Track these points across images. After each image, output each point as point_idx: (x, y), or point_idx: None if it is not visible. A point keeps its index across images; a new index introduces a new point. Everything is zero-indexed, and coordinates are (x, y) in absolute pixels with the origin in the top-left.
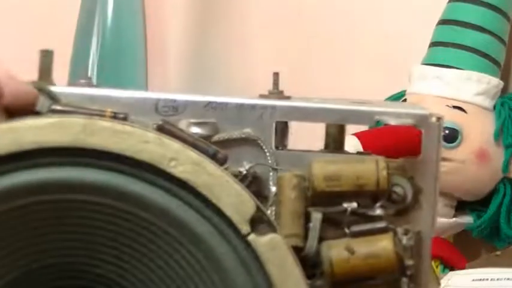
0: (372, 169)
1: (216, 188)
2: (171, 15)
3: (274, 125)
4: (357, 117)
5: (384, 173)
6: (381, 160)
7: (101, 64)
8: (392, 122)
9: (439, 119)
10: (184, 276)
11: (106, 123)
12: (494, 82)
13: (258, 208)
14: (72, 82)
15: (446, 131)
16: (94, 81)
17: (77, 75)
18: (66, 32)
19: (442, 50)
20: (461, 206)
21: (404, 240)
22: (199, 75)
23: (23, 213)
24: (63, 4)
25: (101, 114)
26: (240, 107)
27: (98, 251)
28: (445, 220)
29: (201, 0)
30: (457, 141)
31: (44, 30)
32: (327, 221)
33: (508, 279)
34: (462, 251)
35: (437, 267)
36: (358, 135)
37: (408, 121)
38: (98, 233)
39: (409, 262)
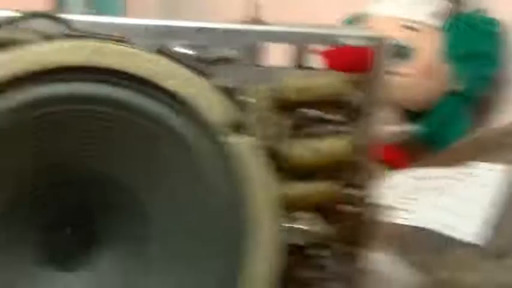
0: (333, 82)
1: (203, 99)
2: None
3: (255, 46)
4: (319, 39)
5: (342, 85)
6: (340, 75)
7: None
8: (348, 42)
9: (388, 39)
10: (173, 171)
11: (115, 46)
12: (443, 4)
13: (237, 114)
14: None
15: (400, 49)
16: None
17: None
18: None
19: None
20: (409, 115)
21: (355, 140)
22: (178, 3)
23: (44, 118)
24: None
25: (109, 38)
26: (227, 31)
27: (105, 151)
28: (394, 128)
29: None
30: (410, 57)
31: None
32: (294, 126)
33: (443, 176)
34: (408, 156)
35: (385, 169)
36: (324, 53)
37: (361, 42)
38: (105, 136)
39: (355, 158)
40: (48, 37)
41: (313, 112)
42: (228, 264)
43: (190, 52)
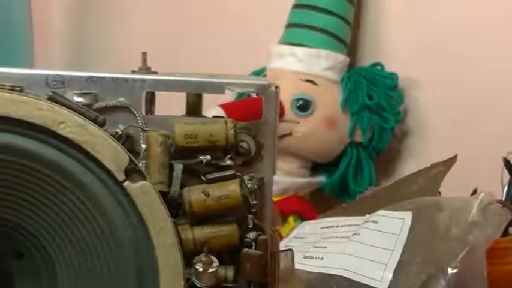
0: (222, 128)
1: (97, 145)
2: None
3: (144, 94)
4: (210, 87)
5: (232, 131)
6: (230, 121)
7: None
8: (238, 90)
9: (276, 88)
10: (73, 216)
11: (6, 94)
12: (340, 58)
13: (131, 160)
14: None
15: (300, 102)
16: None
17: None
18: None
19: (296, 31)
20: (314, 167)
21: (249, 184)
22: (82, 53)
23: None
24: None
25: (1, 88)
26: (116, 80)
27: (10, 199)
28: (301, 180)
29: None
30: (310, 110)
31: None
32: (187, 171)
33: (349, 225)
34: (316, 206)
35: (295, 221)
36: (222, 105)
37: (251, 90)
38: (8, 184)
39: (254, 202)
40: None
41: (204, 157)
42: None
43: (82, 100)
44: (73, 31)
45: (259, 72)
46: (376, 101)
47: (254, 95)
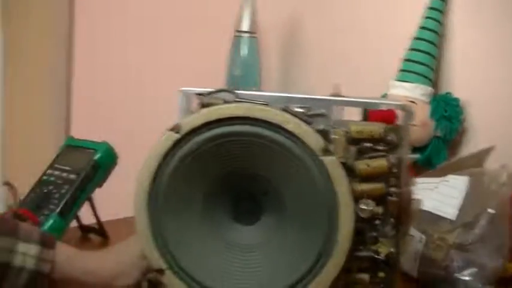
0: (378, 128)
1: (306, 135)
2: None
3: (334, 108)
4: (373, 106)
5: (383, 130)
6: (381, 125)
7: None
8: (384, 107)
9: (410, 107)
10: (294, 173)
11: (259, 106)
12: (429, 89)
13: (325, 145)
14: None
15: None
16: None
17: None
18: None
19: (405, 73)
20: (414, 149)
21: (392, 160)
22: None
23: (223, 144)
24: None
25: (255, 102)
26: (320, 100)
27: (258, 163)
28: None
29: None
30: (413, 118)
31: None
32: (357, 151)
33: (432, 183)
34: (414, 171)
35: None
36: (370, 112)
37: (396, 107)
38: (257, 154)
39: (395, 170)
40: (226, 102)
41: (367, 144)
42: (329, 225)
43: (300, 110)
44: (281, 71)
45: (384, 96)
46: (448, 113)
47: (384, 108)
